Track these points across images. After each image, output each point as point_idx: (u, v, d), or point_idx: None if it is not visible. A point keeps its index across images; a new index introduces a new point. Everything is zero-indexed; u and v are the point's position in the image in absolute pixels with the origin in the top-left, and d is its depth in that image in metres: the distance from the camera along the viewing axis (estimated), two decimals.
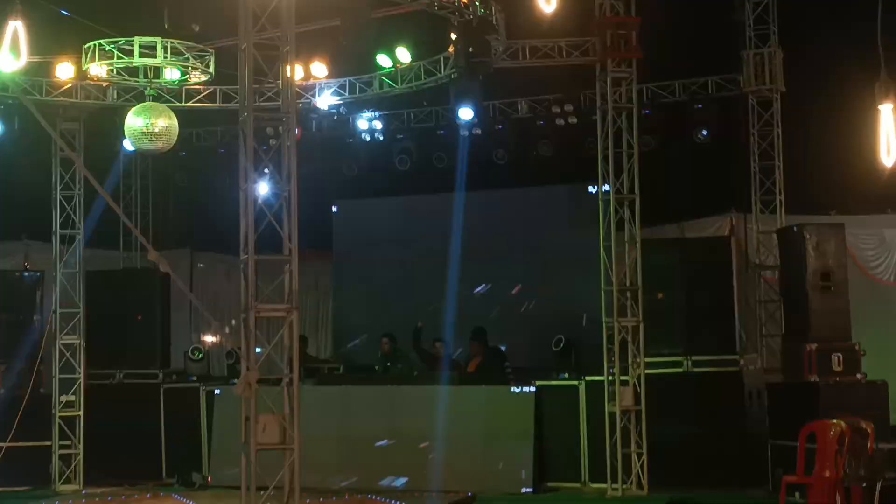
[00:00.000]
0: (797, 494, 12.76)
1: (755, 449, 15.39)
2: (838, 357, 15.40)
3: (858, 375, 15.43)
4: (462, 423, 16.31)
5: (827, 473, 12.29)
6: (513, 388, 16.37)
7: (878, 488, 12.15)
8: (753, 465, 15.16)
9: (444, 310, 19.37)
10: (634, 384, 15.50)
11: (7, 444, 15.56)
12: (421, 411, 16.55)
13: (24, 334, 17.31)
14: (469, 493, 15.25)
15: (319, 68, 16.43)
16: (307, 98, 16.87)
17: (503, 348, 18.25)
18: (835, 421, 12.60)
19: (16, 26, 12.62)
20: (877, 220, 18.65)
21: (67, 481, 16.95)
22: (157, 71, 15.38)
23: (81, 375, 17.31)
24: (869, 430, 12.56)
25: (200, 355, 18.31)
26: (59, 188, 17.18)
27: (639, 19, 15.82)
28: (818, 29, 17.37)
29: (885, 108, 13.06)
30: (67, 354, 17.22)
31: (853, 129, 14.48)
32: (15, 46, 12.70)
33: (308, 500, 10.51)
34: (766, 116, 18.26)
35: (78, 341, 17.32)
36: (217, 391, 17.00)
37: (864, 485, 12.23)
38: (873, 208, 18.37)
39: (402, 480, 16.08)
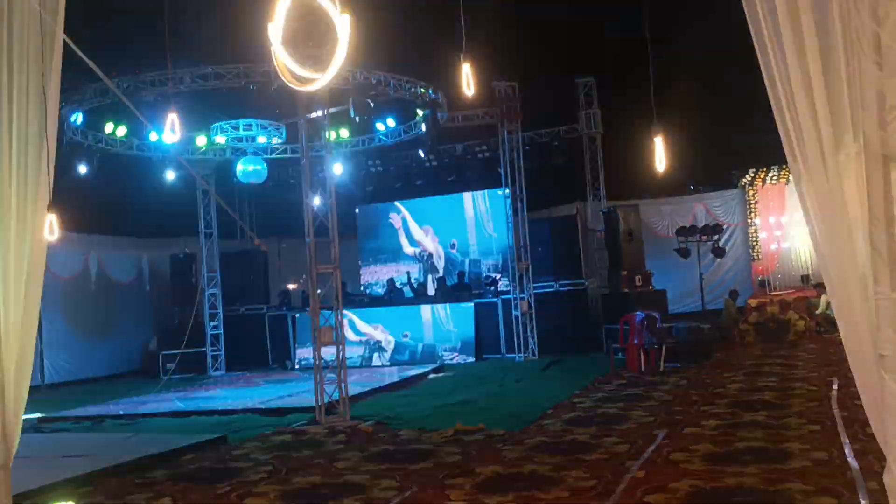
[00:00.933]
0: (619, 354, 12.94)
1: (595, 331, 15.53)
2: (638, 277, 15.61)
3: (650, 287, 15.65)
4: (436, 324, 16.43)
5: (635, 342, 12.50)
6: (462, 304, 16.48)
7: (663, 348, 12.37)
8: (595, 340, 15.21)
9: (424, 265, 19.46)
10: (528, 298, 15.69)
11: (182, 350, 15.57)
12: (412, 319, 16.64)
13: (188, 290, 17.34)
14: (440, 363, 15.37)
15: (344, 132, 16.41)
16: (339, 150, 16.83)
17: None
18: (638, 313, 12.81)
19: (172, 118, 12.54)
20: (656, 201, 18.85)
21: (216, 370, 17.05)
22: (254, 137, 15.36)
23: (220, 311, 17.42)
24: (657, 317, 12.79)
25: (285, 296, 18.39)
26: (201, 206, 17.18)
27: (520, 99, 15.93)
28: (618, 96, 17.50)
29: (657, 140, 13.27)
30: (212, 300, 17.28)
31: (642, 150, 14.57)
32: (173, 128, 12.62)
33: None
34: (594, 147, 18.41)
35: (217, 291, 17.38)
36: (298, 315, 17.05)
37: (656, 346, 12.45)
38: (655, 194, 18.57)
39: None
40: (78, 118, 13.95)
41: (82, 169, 14.73)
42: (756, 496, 5.16)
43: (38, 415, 10.87)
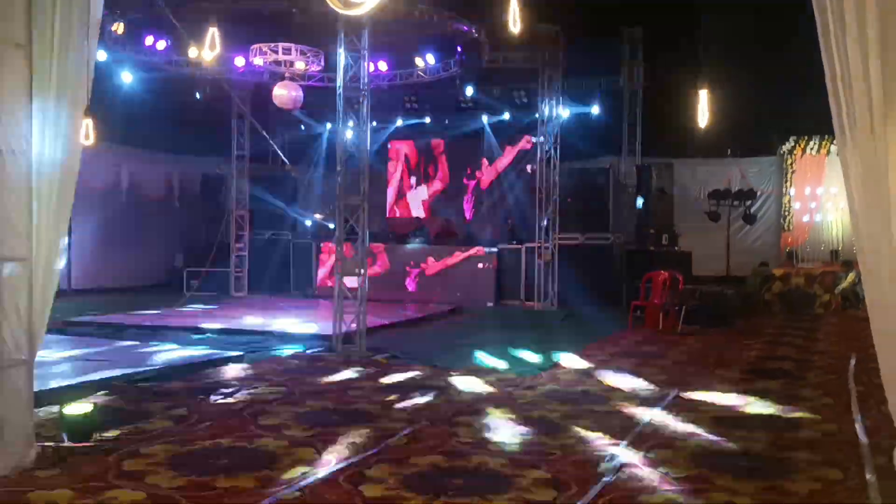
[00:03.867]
0: (639, 312, 12.86)
1: (617, 286, 15.45)
2: (665, 236, 15.49)
3: (676, 247, 15.53)
4: (459, 267, 16.39)
5: (657, 301, 12.46)
6: (487, 249, 16.40)
7: (683, 309, 12.33)
8: (616, 295, 15.16)
9: (453, 207, 19.32)
10: (552, 248, 15.58)
11: (207, 269, 15.76)
12: (437, 258, 16.61)
13: (216, 209, 17.41)
14: (458, 304, 15.39)
15: (382, 65, 16.19)
16: (376, 82, 16.60)
17: None
18: (662, 272, 12.73)
19: (213, 31, 12.42)
20: (692, 161, 18.49)
21: (238, 290, 17.20)
22: (292, 63, 15.19)
23: (246, 233, 17.48)
24: (680, 278, 12.70)
25: (312, 225, 18.40)
26: (235, 127, 17.15)
27: (564, 45, 15.56)
28: (665, 50, 17.07)
29: (702, 93, 13.06)
30: (240, 222, 17.36)
31: (683, 108, 14.36)
32: (212, 44, 12.53)
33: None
34: (634, 101, 18.06)
35: (245, 213, 17.44)
36: (322, 244, 17.09)
37: (677, 307, 12.40)
38: (691, 154, 18.23)
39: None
40: (119, 28, 13.89)
41: (121, 80, 14.76)
42: (761, 461, 5.18)
43: (62, 319, 11.11)
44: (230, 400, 6.75)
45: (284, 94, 14.25)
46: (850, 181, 3.96)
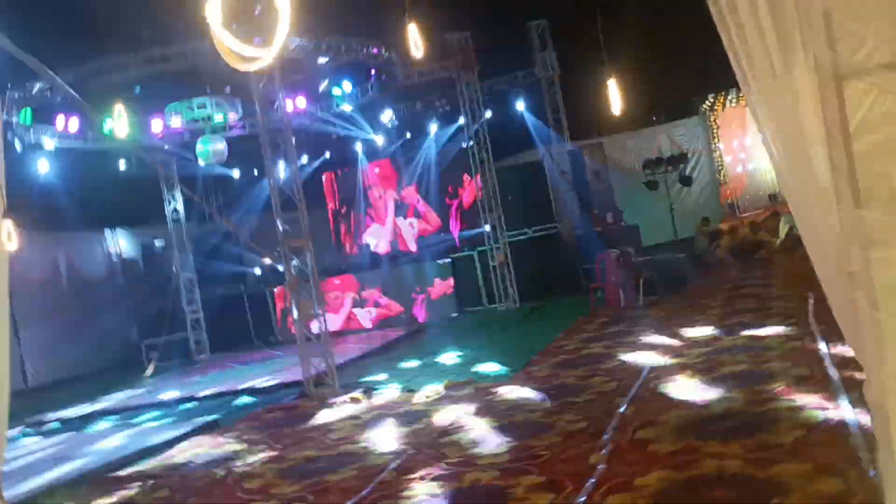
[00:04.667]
0: (599, 293, 12.96)
1: (574, 272, 15.44)
2: (610, 214, 15.63)
3: (622, 223, 15.67)
4: (417, 280, 16.26)
5: (613, 279, 12.58)
6: (439, 261, 16.33)
7: (640, 282, 12.46)
8: (573, 282, 15.11)
9: (395, 226, 19.20)
10: (503, 248, 15.55)
11: (163, 338, 15.46)
12: (396, 276, 16.53)
13: (162, 277, 17.09)
14: (422, 322, 15.32)
15: (301, 101, 16.08)
16: (298, 119, 16.48)
17: None
18: (613, 250, 12.87)
19: (119, 108, 12.21)
20: (620, 137, 18.72)
21: (200, 352, 16.82)
22: (210, 116, 15.02)
23: (197, 294, 17.15)
24: (631, 252, 12.86)
25: (262, 273, 18.16)
26: (166, 191, 16.86)
27: (474, 48, 15.59)
28: (573, 36, 17.27)
29: (611, 83, 13.22)
30: (188, 284, 17.04)
31: (601, 88, 14.49)
32: (121, 119, 12.32)
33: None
34: (553, 89, 18.21)
35: (193, 276, 17.12)
36: (276, 290, 16.85)
37: (633, 282, 12.51)
38: (618, 130, 18.45)
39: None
40: (27, 116, 13.59)
41: (39, 167, 14.43)
42: (744, 418, 5.25)
43: (25, 420, 10.79)
44: (213, 469, 6.61)
45: (207, 149, 14.10)
46: (763, 129, 4.00)
